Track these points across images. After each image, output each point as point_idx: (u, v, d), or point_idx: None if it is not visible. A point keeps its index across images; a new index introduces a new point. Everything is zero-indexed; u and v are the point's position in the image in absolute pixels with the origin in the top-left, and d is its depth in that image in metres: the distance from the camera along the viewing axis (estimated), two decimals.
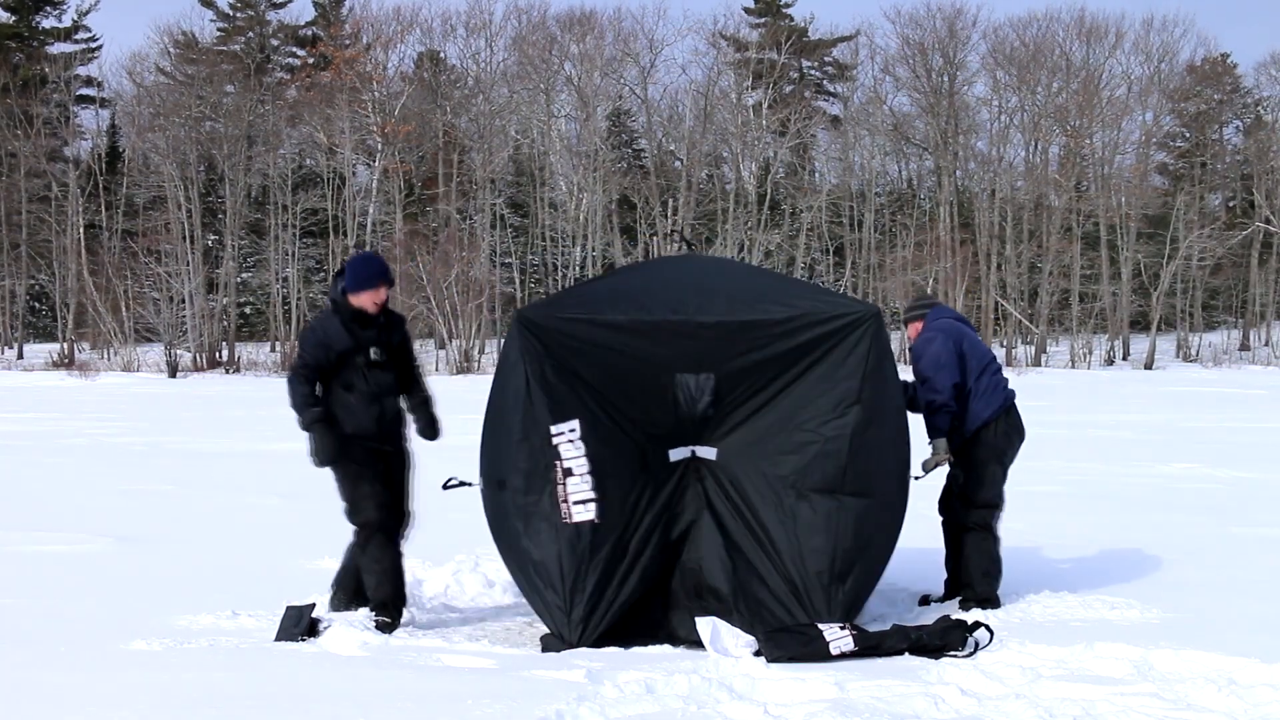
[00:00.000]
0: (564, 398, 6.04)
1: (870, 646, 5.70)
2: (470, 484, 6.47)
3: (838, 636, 5.68)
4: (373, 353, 6.49)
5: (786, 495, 6.04)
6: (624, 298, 6.23)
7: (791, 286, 6.59)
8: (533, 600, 6.19)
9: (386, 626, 6.16)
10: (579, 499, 5.98)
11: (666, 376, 6.10)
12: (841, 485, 5.98)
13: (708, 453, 6.19)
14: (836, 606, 5.97)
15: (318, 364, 6.40)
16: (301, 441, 6.37)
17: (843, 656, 5.62)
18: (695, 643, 6.00)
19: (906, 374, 6.79)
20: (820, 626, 5.79)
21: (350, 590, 6.48)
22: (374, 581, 6.33)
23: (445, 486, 6.64)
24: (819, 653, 5.61)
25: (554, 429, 6.00)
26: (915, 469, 6.52)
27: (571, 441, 5.98)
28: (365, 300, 6.49)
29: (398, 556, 6.42)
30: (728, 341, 6.03)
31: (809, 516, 6.00)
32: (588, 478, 5.98)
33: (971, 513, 6.91)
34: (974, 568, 6.81)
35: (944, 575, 7.26)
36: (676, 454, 6.20)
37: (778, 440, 6.08)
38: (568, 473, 5.97)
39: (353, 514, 6.44)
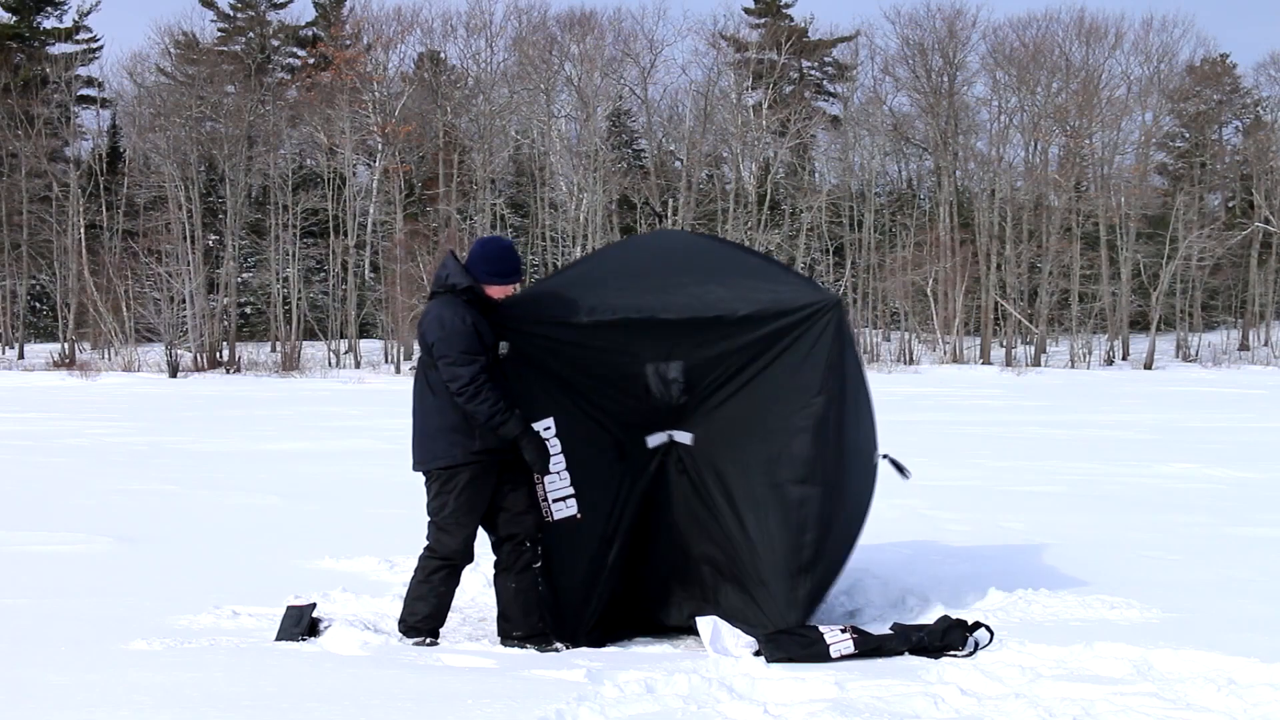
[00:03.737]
0: (534, 397, 5.97)
1: (871, 649, 5.70)
2: None
3: (838, 640, 5.68)
4: (502, 347, 5.81)
5: (755, 483, 6.01)
6: (587, 293, 6.07)
7: (754, 271, 6.30)
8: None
9: (427, 643, 5.85)
10: (558, 496, 5.96)
11: (636, 366, 6.05)
12: (808, 475, 5.93)
13: (684, 437, 6.15)
14: (799, 599, 5.92)
15: (483, 360, 5.60)
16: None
17: (843, 659, 5.62)
18: (679, 630, 6.05)
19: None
20: (821, 629, 5.80)
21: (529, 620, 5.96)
22: (429, 609, 5.86)
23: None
24: (819, 655, 5.61)
25: None
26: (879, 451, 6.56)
27: (546, 440, 5.94)
28: (499, 294, 5.80)
29: (455, 589, 6.01)
30: (692, 336, 5.97)
31: (775, 505, 5.96)
32: (565, 474, 5.96)
33: None
34: None
35: (944, 574, 7.28)
36: (654, 440, 6.16)
37: (746, 429, 6.06)
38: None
39: (440, 538, 5.84)
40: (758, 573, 6.01)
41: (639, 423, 6.15)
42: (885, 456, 6.52)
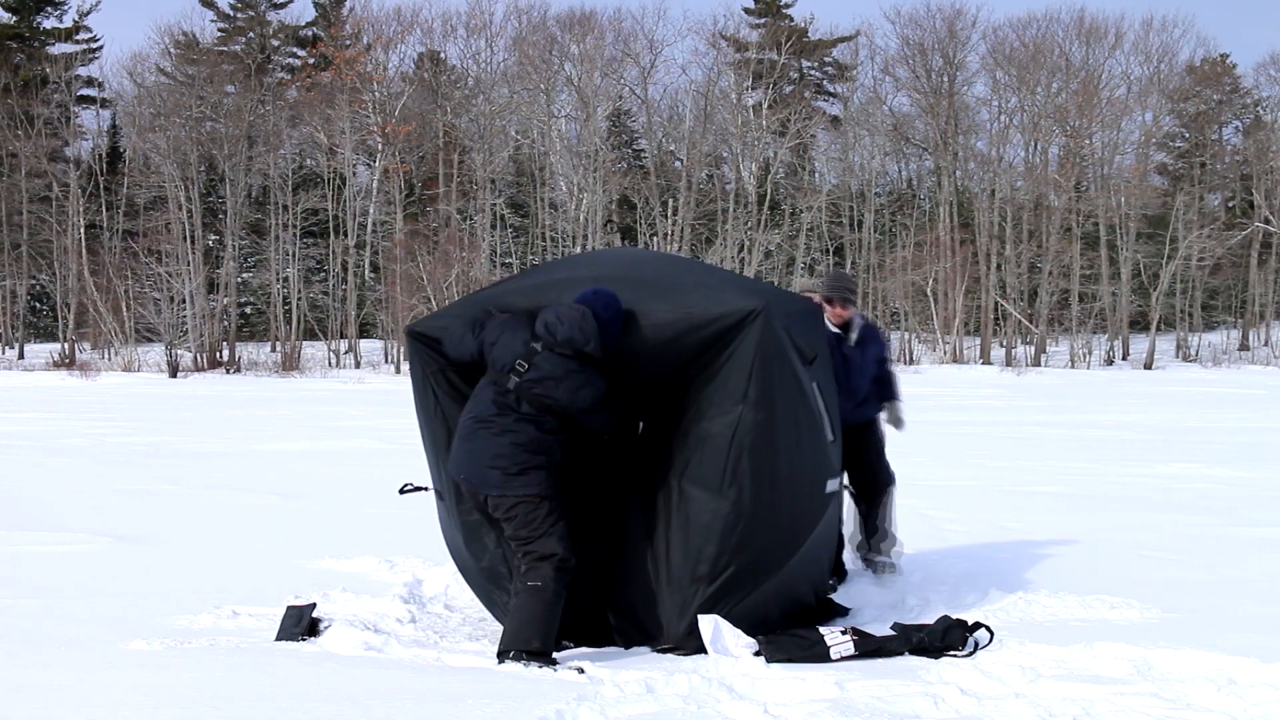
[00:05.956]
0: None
1: (871, 650, 5.70)
2: (426, 488, 6.44)
3: (839, 641, 5.69)
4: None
5: (670, 486, 5.88)
6: (516, 300, 6.05)
7: (688, 281, 6.18)
8: (490, 606, 6.21)
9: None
10: None
11: None
12: (719, 484, 5.76)
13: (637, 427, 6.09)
14: (690, 607, 5.78)
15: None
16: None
17: (844, 660, 5.62)
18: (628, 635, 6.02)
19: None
20: (821, 630, 5.80)
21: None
22: (555, 625, 5.69)
23: (401, 491, 6.63)
24: (819, 656, 5.61)
25: None
26: (835, 481, 6.44)
27: None
28: None
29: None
30: (628, 342, 5.85)
31: (679, 510, 5.85)
32: None
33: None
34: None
35: (944, 573, 7.27)
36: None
37: (668, 430, 5.95)
38: None
39: (546, 544, 5.70)
40: (656, 576, 5.90)
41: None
42: (847, 488, 6.47)
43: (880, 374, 7.73)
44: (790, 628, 5.93)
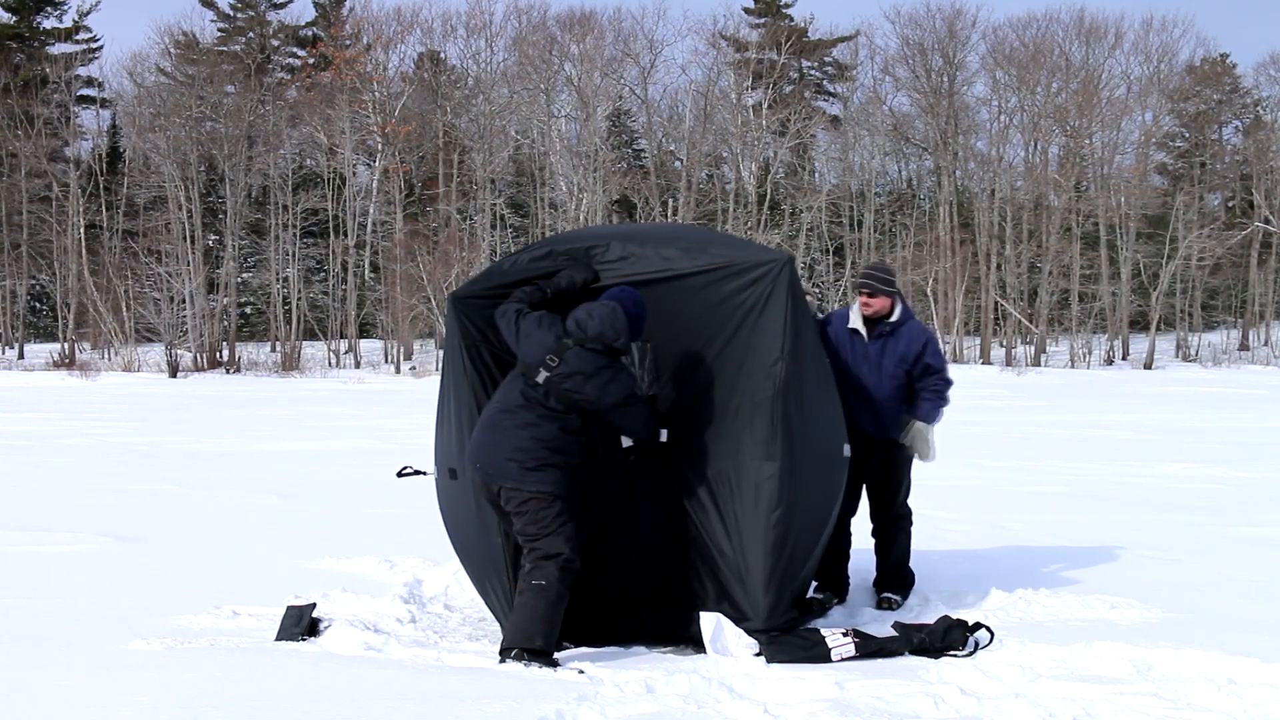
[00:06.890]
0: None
1: (872, 651, 5.70)
2: (425, 472, 6.44)
3: (840, 643, 5.69)
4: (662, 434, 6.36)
5: (724, 464, 5.88)
6: (551, 263, 6.13)
7: (708, 237, 6.38)
8: (483, 593, 6.16)
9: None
10: None
11: None
12: (767, 448, 5.77)
13: (660, 434, 6.04)
14: (775, 575, 5.79)
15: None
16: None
17: (844, 661, 5.62)
18: (660, 635, 6.01)
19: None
20: (822, 631, 5.80)
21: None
22: (556, 625, 5.69)
23: (400, 474, 6.62)
24: (820, 657, 5.61)
25: None
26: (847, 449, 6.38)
27: None
28: None
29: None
30: (657, 299, 5.89)
31: (742, 484, 5.83)
32: None
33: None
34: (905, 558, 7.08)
35: (944, 573, 7.27)
36: (627, 440, 6.00)
37: (714, 409, 5.92)
38: None
39: (553, 543, 5.71)
40: (728, 555, 5.87)
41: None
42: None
43: (907, 380, 6.91)
44: (792, 627, 5.94)
